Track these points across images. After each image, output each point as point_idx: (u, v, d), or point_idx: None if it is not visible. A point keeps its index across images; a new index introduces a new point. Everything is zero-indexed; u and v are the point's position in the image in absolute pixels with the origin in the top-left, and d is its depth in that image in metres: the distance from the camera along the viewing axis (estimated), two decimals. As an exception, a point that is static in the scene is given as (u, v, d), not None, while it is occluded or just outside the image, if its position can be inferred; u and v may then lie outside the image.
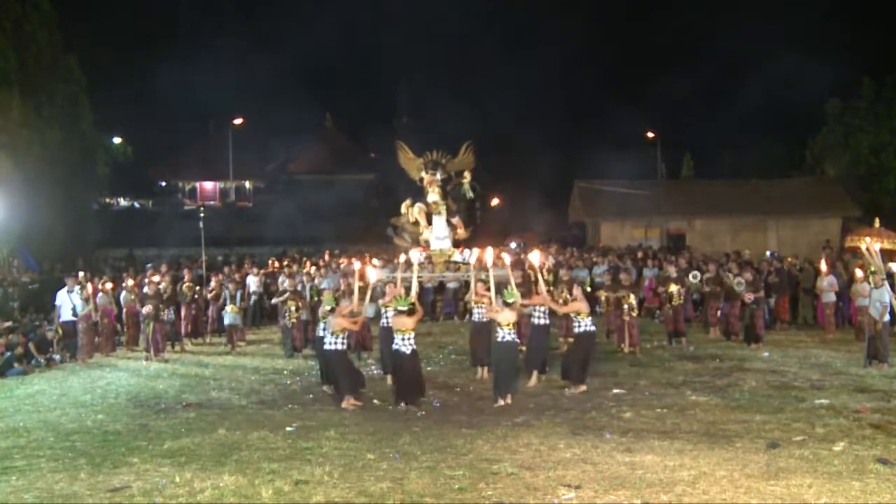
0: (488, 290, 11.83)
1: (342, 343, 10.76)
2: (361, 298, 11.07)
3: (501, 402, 10.20)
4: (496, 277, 12.89)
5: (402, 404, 10.19)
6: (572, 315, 11.70)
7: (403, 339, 10.34)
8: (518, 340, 10.72)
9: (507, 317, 10.35)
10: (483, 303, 12.04)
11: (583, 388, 11.03)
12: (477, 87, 47.08)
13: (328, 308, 10.93)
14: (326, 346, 10.79)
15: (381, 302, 12.71)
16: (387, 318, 12.20)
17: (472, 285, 12.49)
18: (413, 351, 10.39)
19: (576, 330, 11.46)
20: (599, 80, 51.28)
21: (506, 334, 10.33)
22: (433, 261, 13.83)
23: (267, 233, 36.31)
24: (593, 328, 11.41)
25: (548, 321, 12.15)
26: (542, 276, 12.13)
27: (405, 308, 10.40)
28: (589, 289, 14.48)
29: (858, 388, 10.86)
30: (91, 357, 15.09)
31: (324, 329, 11.11)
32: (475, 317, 12.72)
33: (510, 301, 10.45)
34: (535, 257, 12.35)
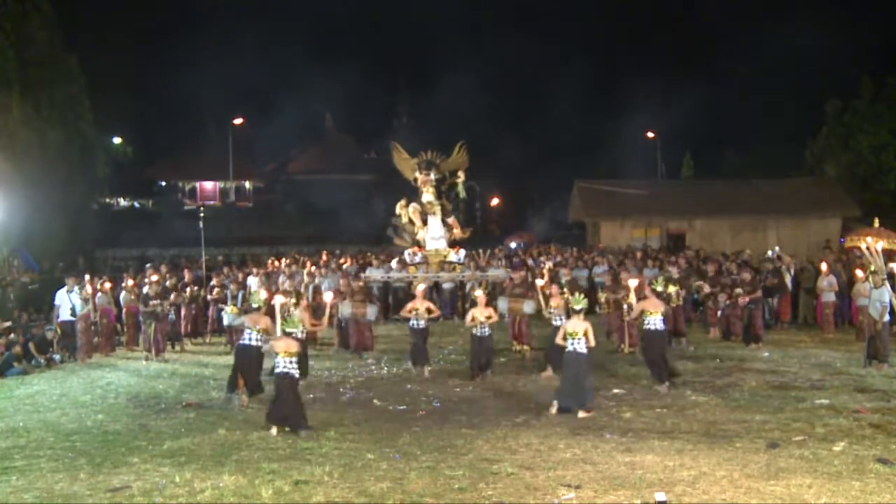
0: (489, 305, 11.72)
1: (258, 341, 10.52)
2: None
3: (584, 414, 9.41)
4: (493, 278, 12.89)
5: (274, 429, 8.93)
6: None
7: (290, 363, 9.12)
8: (586, 352, 9.73)
9: (575, 325, 9.68)
10: (492, 321, 11.86)
11: (663, 386, 10.71)
12: (477, 87, 47.04)
13: (255, 306, 10.47)
14: (244, 341, 10.57)
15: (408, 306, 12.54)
16: (417, 322, 12.50)
17: (479, 305, 11.94)
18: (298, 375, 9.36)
19: (644, 327, 11.13)
20: (599, 80, 51.19)
21: (575, 344, 9.63)
22: (428, 261, 13.82)
23: (267, 233, 36.35)
24: (662, 327, 11.00)
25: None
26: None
27: (293, 330, 9.34)
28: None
29: (858, 388, 10.86)
30: (90, 357, 15.07)
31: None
32: (478, 332, 12.04)
33: (578, 308, 9.82)
34: (633, 282, 11.92)
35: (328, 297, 11.67)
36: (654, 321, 10.95)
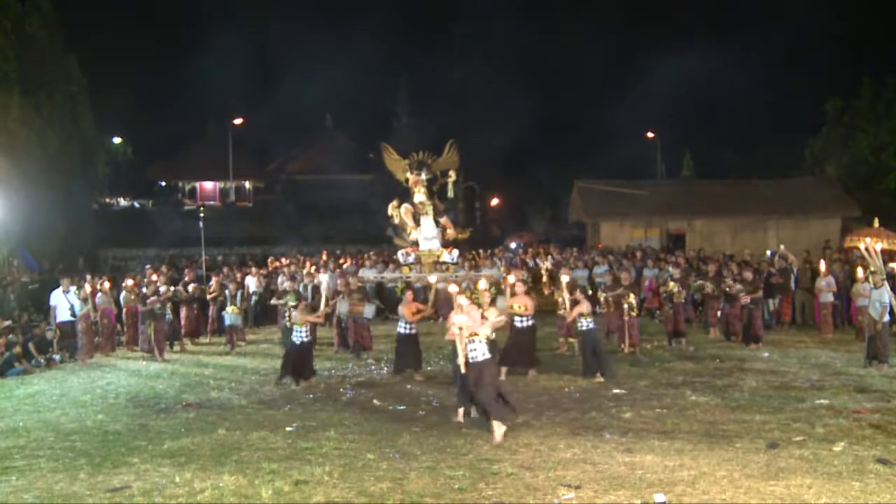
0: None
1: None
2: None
3: (601, 379, 11.62)
4: (489, 278, 12.86)
5: (289, 380, 11.98)
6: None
7: (300, 332, 12.13)
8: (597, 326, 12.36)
9: (588, 307, 12.00)
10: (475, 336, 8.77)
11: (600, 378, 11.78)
12: (477, 88, 47.03)
13: (292, 304, 12.47)
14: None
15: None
16: (406, 326, 12.59)
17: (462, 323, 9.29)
18: (308, 341, 12.27)
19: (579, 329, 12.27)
20: (600, 80, 51.19)
21: (590, 322, 11.96)
22: (422, 261, 13.81)
23: (267, 233, 36.33)
24: (593, 325, 12.16)
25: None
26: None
27: (295, 304, 12.82)
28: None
29: (858, 388, 10.86)
30: (91, 357, 15.08)
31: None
32: (474, 356, 8.70)
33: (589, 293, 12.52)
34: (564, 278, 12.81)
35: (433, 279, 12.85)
36: (587, 322, 12.01)
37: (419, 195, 13.72)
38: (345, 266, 20.52)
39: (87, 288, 15.46)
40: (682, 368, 12.66)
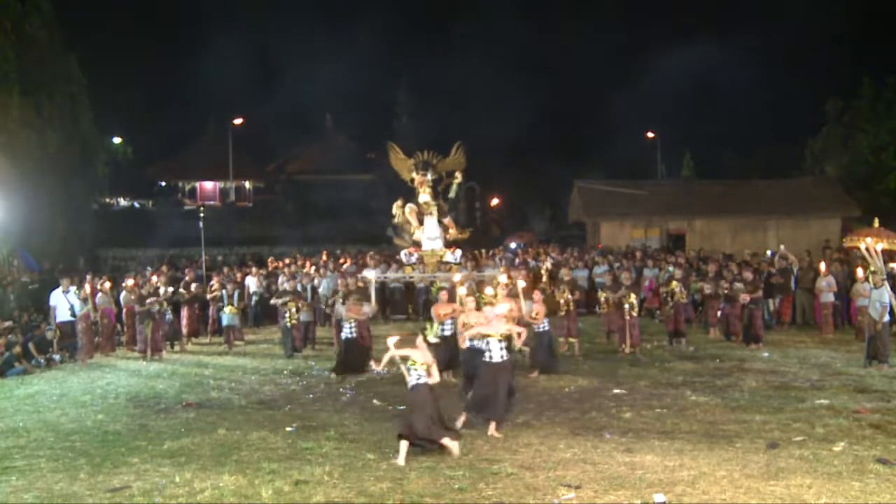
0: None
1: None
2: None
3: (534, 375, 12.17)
4: (488, 278, 12.89)
5: (335, 375, 12.44)
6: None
7: (348, 327, 12.77)
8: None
9: (540, 310, 12.22)
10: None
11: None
12: (477, 87, 47.02)
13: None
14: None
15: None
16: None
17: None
18: (350, 338, 12.75)
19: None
20: (600, 80, 51.15)
21: (543, 325, 12.24)
22: (425, 261, 13.82)
23: (267, 233, 36.35)
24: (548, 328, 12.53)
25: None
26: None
27: (343, 300, 13.55)
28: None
29: (858, 388, 10.86)
30: (91, 357, 15.08)
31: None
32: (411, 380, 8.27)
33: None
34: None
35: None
36: (541, 326, 12.36)
37: (424, 195, 13.74)
38: (344, 266, 20.51)
39: (87, 288, 15.45)
40: (682, 368, 12.66)
